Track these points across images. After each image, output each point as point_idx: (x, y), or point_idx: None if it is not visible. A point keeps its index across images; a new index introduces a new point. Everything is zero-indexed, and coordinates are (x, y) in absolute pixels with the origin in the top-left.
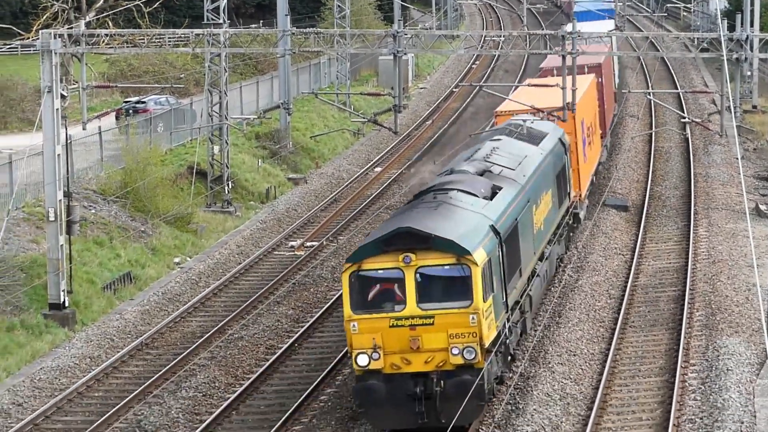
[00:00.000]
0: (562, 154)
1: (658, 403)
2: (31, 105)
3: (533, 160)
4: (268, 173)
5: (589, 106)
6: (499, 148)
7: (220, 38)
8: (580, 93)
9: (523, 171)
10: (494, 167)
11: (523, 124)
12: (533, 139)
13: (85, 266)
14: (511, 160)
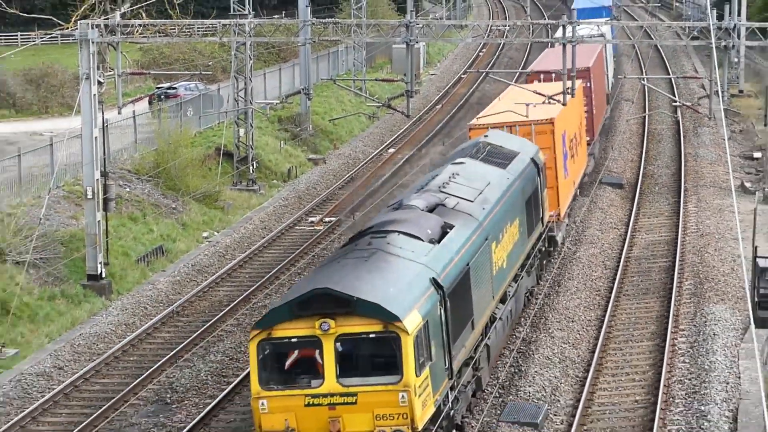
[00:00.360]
0: (534, 175)
1: (650, 365)
2: (70, 91)
3: (498, 187)
4: (290, 154)
5: (573, 116)
6: (459, 174)
7: (245, 28)
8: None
9: (483, 202)
10: (449, 199)
11: (493, 143)
12: (502, 161)
13: (120, 240)
14: (471, 190)
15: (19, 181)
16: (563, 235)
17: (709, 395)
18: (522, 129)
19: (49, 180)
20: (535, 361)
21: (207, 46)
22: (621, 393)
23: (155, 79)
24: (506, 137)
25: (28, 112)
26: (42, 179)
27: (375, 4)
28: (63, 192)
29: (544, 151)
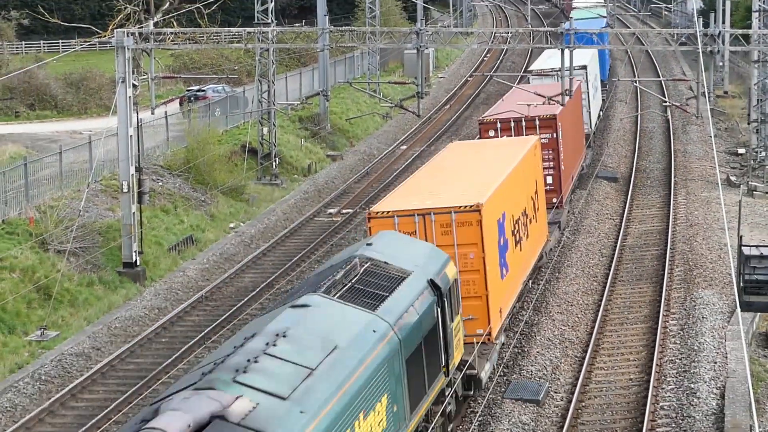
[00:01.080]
0: (430, 307)
1: (643, 346)
2: (107, 93)
3: (348, 355)
4: (310, 151)
5: (523, 185)
6: (289, 332)
7: (268, 35)
8: (505, 172)
9: (306, 398)
10: (241, 401)
11: (376, 258)
12: (374, 295)
13: (153, 230)
14: (293, 371)
15: (61, 176)
16: (493, 364)
17: (699, 374)
18: (439, 218)
19: (88, 175)
20: (537, 342)
21: (233, 52)
22: (617, 372)
23: (185, 82)
24: (403, 242)
25: (68, 113)
26: (81, 174)
27: (388, 14)
28: (101, 186)
29: (469, 249)
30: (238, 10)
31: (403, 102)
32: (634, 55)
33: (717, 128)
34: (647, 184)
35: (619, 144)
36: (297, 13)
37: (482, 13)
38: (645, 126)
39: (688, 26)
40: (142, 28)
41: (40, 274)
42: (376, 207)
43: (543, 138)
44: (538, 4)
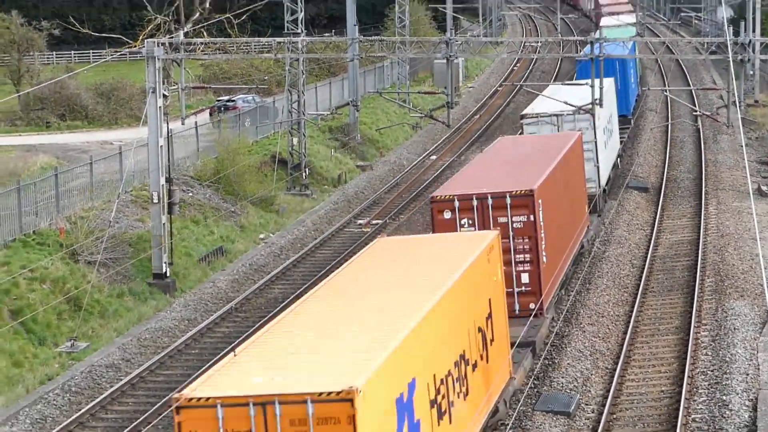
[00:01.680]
0: None
1: (675, 357)
2: (137, 103)
3: None
4: (340, 161)
5: (461, 319)
6: None
7: (298, 45)
8: (420, 312)
9: None
10: None
11: None
12: None
13: (183, 241)
14: None
15: (91, 186)
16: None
17: (731, 386)
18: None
19: (118, 186)
20: (568, 354)
21: (263, 62)
22: (648, 384)
23: (215, 92)
24: None
25: (99, 123)
26: (112, 185)
27: (417, 23)
28: (131, 197)
29: None
30: (267, 20)
31: (432, 112)
32: (664, 64)
33: (748, 137)
34: (678, 194)
35: (650, 154)
36: (326, 22)
37: (512, 22)
38: (675, 135)
39: (718, 35)
40: (173, 38)
41: (70, 285)
42: None
43: (516, 222)
44: (568, 13)
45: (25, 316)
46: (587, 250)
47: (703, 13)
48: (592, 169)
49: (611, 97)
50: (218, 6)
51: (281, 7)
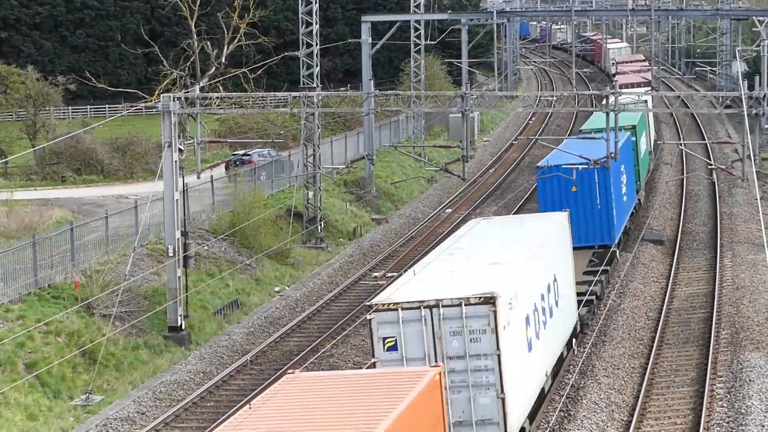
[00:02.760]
0: None
1: (690, 409)
2: (153, 158)
3: None
4: (355, 214)
5: None
6: None
7: (313, 100)
8: None
9: None
10: None
11: None
12: None
13: (198, 294)
14: None
15: (107, 240)
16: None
17: None
18: None
19: (133, 239)
20: (583, 406)
21: (279, 116)
22: None
23: (231, 146)
24: None
25: (114, 178)
26: (127, 238)
27: (433, 78)
28: (146, 250)
29: None
30: (283, 75)
31: (448, 165)
32: (679, 117)
33: (763, 191)
34: (693, 246)
35: (665, 207)
36: (342, 77)
37: (527, 76)
38: (691, 189)
39: (732, 89)
40: (188, 93)
41: (85, 339)
42: None
43: None
44: (583, 67)
45: (40, 369)
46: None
47: (717, 68)
48: None
49: (554, 252)
50: (234, 61)
51: (297, 61)
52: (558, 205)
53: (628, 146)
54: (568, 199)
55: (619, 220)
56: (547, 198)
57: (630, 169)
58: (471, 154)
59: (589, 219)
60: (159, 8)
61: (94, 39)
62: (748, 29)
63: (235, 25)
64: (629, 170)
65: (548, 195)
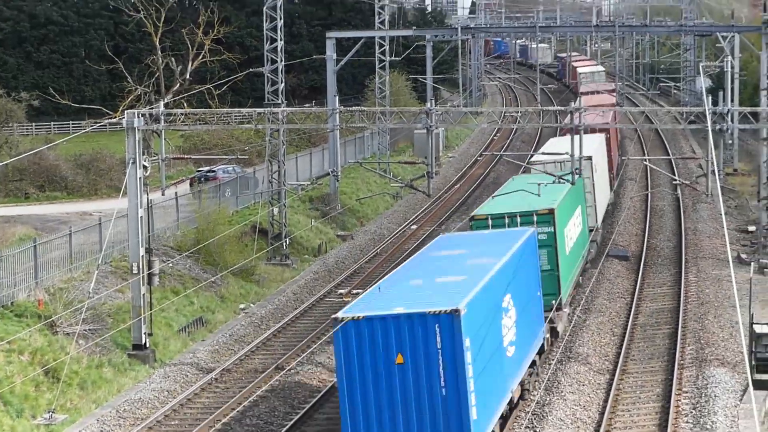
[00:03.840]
0: None
1: (656, 425)
2: (117, 174)
3: None
4: (320, 231)
5: None
6: None
7: (278, 116)
8: None
9: None
10: None
11: None
12: None
13: (163, 312)
14: None
15: (70, 257)
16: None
17: None
18: None
19: (98, 256)
20: (549, 423)
21: (243, 133)
22: None
23: (196, 163)
24: None
25: (78, 194)
26: (91, 256)
27: (398, 93)
28: (111, 267)
29: None
30: (248, 91)
31: (413, 182)
32: (644, 133)
33: (727, 206)
34: (658, 262)
35: (630, 223)
36: (307, 93)
37: (492, 92)
38: (655, 204)
39: (697, 104)
40: (153, 109)
41: (48, 357)
42: None
43: None
44: (548, 83)
45: (2, 388)
46: None
47: (681, 83)
48: None
49: None
50: (198, 77)
51: (262, 78)
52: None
53: (533, 252)
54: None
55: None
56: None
57: (532, 293)
58: (436, 170)
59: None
60: (123, 24)
61: (58, 55)
62: (712, 45)
63: (199, 41)
64: (531, 299)
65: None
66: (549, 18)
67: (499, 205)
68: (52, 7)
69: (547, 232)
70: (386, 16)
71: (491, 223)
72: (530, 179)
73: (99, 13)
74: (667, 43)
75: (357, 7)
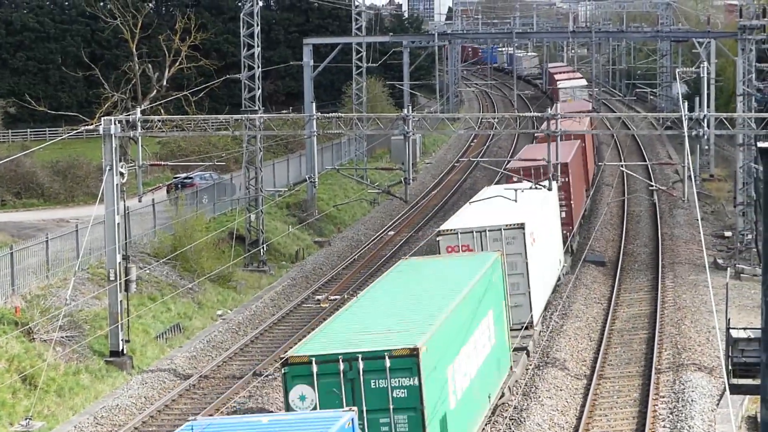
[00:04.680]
0: None
1: (633, 430)
2: (94, 181)
3: None
4: (297, 237)
5: None
6: None
7: (255, 122)
8: None
9: None
10: None
11: None
12: None
13: (140, 319)
14: None
15: (47, 264)
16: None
17: None
18: None
19: (74, 263)
20: (526, 428)
21: (220, 139)
22: None
23: (173, 169)
24: None
25: (55, 201)
26: (68, 263)
27: (375, 100)
28: (88, 274)
29: None
30: (225, 98)
31: (390, 188)
32: (620, 139)
33: (703, 211)
34: (635, 267)
35: (606, 228)
36: (284, 99)
37: (469, 98)
38: (632, 210)
39: (673, 110)
40: (130, 116)
41: (25, 364)
42: None
43: None
44: (524, 89)
45: None
46: None
47: (658, 89)
48: None
49: None
50: (175, 83)
51: (239, 84)
52: None
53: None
54: None
55: None
56: None
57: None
58: (413, 176)
59: None
60: (99, 31)
61: (34, 62)
62: (688, 51)
63: (176, 47)
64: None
65: None
66: (526, 24)
67: None
68: (28, 13)
69: (407, 387)
70: (363, 23)
71: None
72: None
73: (75, 19)
74: (643, 48)
75: (334, 13)
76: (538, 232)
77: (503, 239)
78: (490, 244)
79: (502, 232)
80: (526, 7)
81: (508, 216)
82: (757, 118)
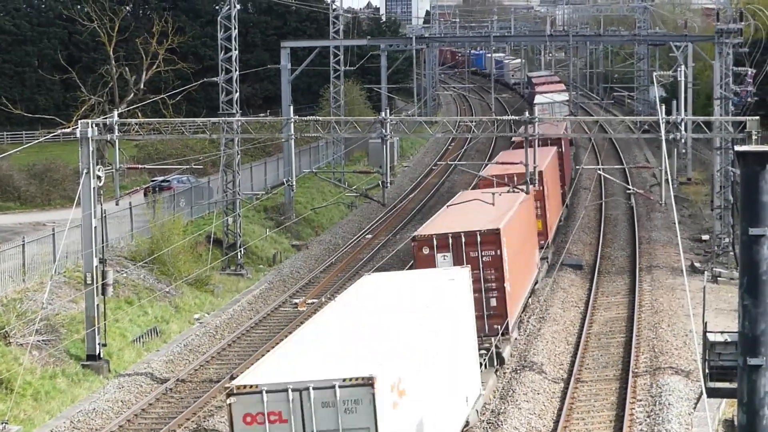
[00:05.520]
0: None
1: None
2: (71, 184)
3: None
4: (275, 240)
5: None
6: None
7: (233, 126)
8: None
9: None
10: None
11: None
12: None
13: (117, 322)
14: None
15: (23, 268)
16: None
17: None
18: None
19: (51, 267)
20: (504, 431)
21: (198, 142)
22: None
23: (150, 172)
24: None
25: (31, 205)
26: (45, 266)
27: (352, 103)
28: (64, 278)
29: None
30: (203, 101)
31: (368, 191)
32: (598, 142)
33: (681, 215)
34: (612, 271)
35: (584, 232)
36: (262, 103)
37: (446, 102)
38: (609, 213)
39: (650, 114)
40: (107, 119)
41: (1, 368)
42: None
43: None
44: (502, 92)
45: None
46: None
47: (635, 93)
48: None
49: None
50: (153, 87)
51: (216, 87)
52: None
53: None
54: None
55: None
56: None
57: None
58: (391, 179)
59: None
60: (77, 34)
61: (10, 64)
62: (665, 54)
63: (153, 51)
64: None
65: None
66: (503, 28)
67: None
68: (4, 16)
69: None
70: (341, 26)
71: None
72: None
73: (53, 22)
74: (620, 52)
75: (312, 16)
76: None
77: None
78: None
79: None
80: (504, 11)
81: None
82: (734, 121)
